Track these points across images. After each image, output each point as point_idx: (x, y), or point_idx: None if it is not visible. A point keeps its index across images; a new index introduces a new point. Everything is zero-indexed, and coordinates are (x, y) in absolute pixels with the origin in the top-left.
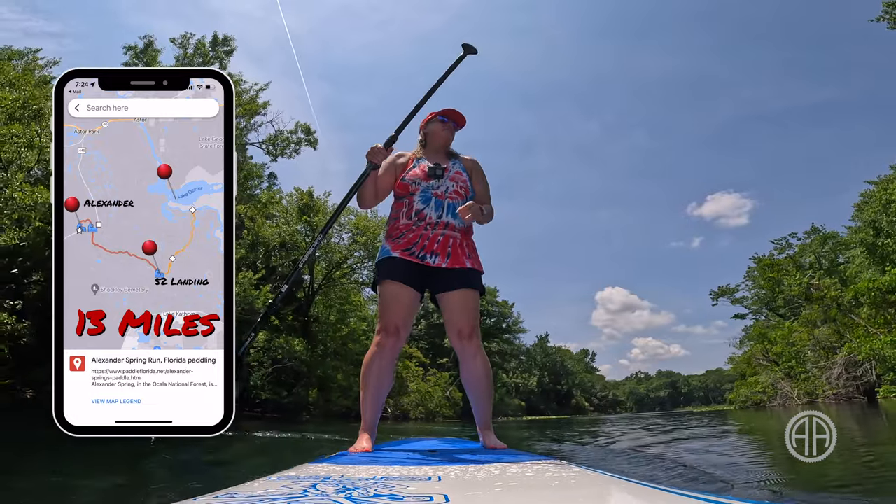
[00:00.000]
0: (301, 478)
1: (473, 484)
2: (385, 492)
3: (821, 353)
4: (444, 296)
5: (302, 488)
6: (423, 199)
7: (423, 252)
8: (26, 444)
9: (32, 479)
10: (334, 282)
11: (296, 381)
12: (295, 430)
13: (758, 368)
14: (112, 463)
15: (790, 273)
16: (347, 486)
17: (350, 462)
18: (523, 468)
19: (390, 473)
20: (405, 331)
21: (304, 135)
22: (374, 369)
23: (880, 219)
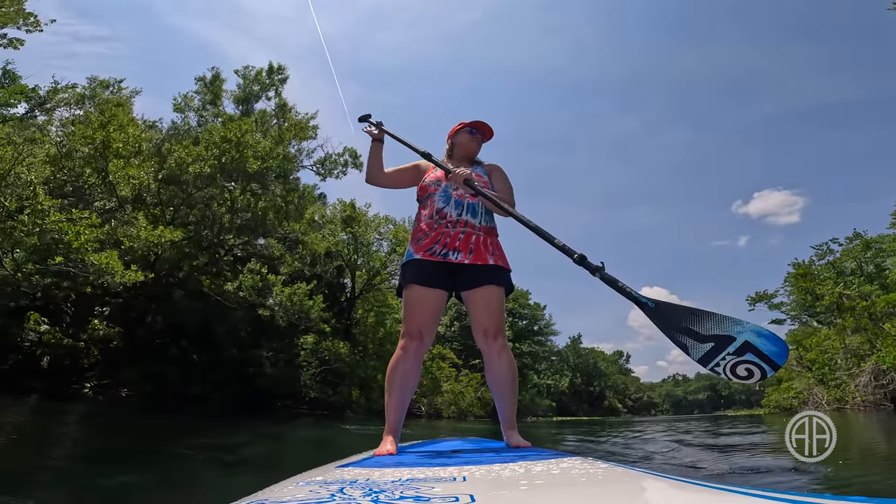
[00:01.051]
0: (328, 482)
1: (499, 483)
2: (411, 494)
3: (851, 360)
4: (468, 294)
5: (329, 493)
6: (443, 198)
7: (444, 249)
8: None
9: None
10: (374, 287)
11: (340, 380)
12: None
13: (792, 374)
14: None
15: (822, 283)
16: (373, 489)
17: (375, 465)
18: (549, 466)
19: (415, 475)
20: (429, 334)
21: (351, 158)
22: (399, 373)
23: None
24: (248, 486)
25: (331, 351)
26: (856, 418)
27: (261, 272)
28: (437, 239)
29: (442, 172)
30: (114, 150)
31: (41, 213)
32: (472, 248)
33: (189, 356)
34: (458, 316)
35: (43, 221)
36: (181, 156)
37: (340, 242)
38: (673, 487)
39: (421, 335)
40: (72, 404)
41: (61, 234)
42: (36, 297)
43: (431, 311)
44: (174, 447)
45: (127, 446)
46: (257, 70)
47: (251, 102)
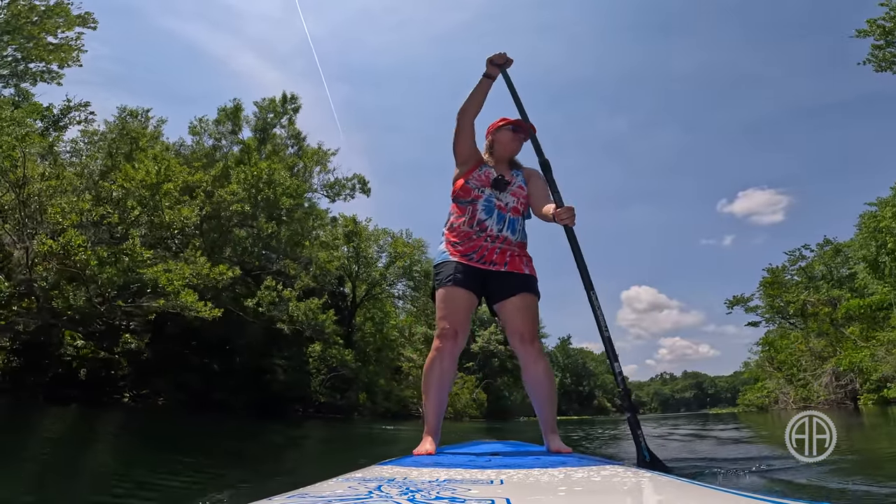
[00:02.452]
0: (367, 479)
1: (536, 488)
2: (447, 494)
3: (815, 362)
4: (504, 302)
5: (367, 490)
6: (486, 209)
7: (482, 259)
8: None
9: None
10: (374, 297)
11: (347, 386)
12: (362, 425)
13: (765, 374)
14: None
15: (789, 290)
16: (410, 488)
17: (414, 464)
18: (589, 473)
19: (453, 476)
20: (463, 334)
21: (360, 184)
22: (436, 373)
23: (869, 244)
24: (292, 482)
25: (337, 358)
26: (831, 415)
27: (277, 289)
28: (475, 249)
29: (488, 176)
30: (166, 194)
31: (141, 263)
32: (508, 261)
33: (210, 365)
34: None
35: (144, 270)
36: (222, 195)
37: (343, 256)
38: (722, 498)
39: (456, 334)
40: (116, 412)
41: (156, 277)
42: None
43: (466, 311)
44: (224, 445)
45: (178, 447)
46: (270, 99)
47: (268, 131)
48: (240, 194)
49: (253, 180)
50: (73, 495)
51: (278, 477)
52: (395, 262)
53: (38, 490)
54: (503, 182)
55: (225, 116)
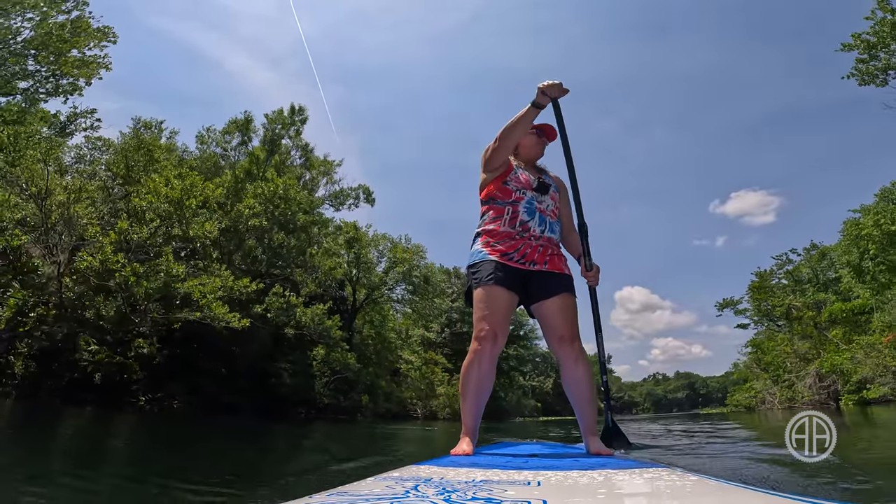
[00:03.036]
0: (404, 479)
1: (574, 490)
2: (483, 495)
3: (800, 364)
4: (543, 303)
5: (404, 489)
6: (528, 210)
7: (522, 258)
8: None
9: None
10: (374, 301)
11: (350, 388)
12: (365, 426)
13: (753, 375)
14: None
15: (774, 294)
16: (447, 488)
17: (451, 465)
18: (632, 476)
19: (489, 477)
20: (503, 335)
21: (364, 195)
22: (474, 377)
23: (852, 252)
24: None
25: (340, 361)
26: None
27: (285, 295)
28: (517, 248)
29: (527, 178)
30: (189, 208)
31: (176, 278)
32: (548, 260)
33: (219, 369)
34: (449, 323)
35: (182, 284)
36: (240, 209)
37: (344, 260)
38: (771, 502)
39: (495, 336)
40: (136, 415)
41: (190, 291)
42: (103, 325)
43: (506, 311)
44: (247, 445)
45: (205, 449)
46: (279, 111)
47: (276, 142)
48: (256, 208)
49: (269, 195)
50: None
51: (308, 476)
52: (395, 267)
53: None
54: (546, 185)
55: (235, 128)
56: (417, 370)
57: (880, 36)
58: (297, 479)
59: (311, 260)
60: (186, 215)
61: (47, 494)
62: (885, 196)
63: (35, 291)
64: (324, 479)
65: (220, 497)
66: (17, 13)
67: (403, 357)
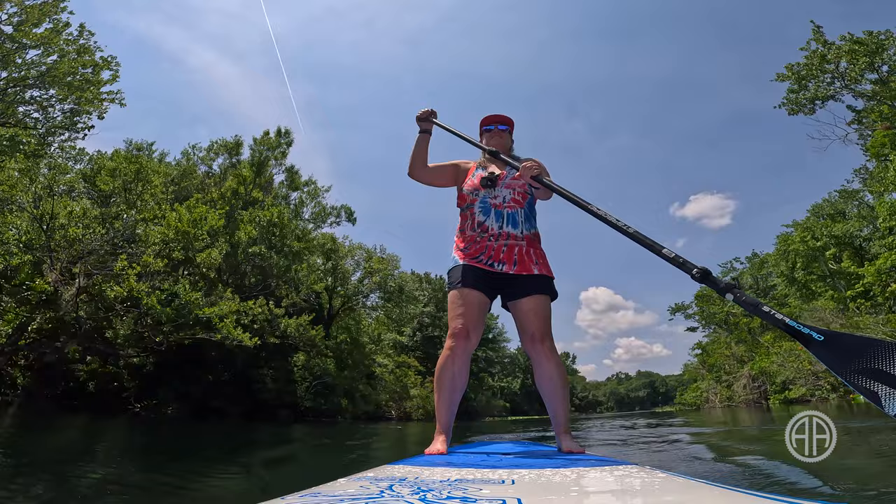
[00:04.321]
0: (378, 479)
1: (548, 488)
2: (458, 494)
3: (736, 366)
4: (516, 303)
5: (379, 489)
6: (482, 210)
7: (490, 260)
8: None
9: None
10: (350, 308)
11: (330, 391)
12: (345, 426)
13: (699, 376)
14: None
15: (714, 303)
16: (422, 487)
17: (425, 464)
18: (602, 473)
19: (464, 476)
20: (476, 334)
21: (346, 214)
22: (448, 373)
23: (782, 264)
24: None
25: (320, 367)
26: (741, 412)
27: (269, 307)
28: (482, 251)
29: (478, 180)
30: (196, 238)
31: (194, 304)
32: (517, 258)
33: (206, 377)
34: (420, 327)
35: (201, 310)
36: (240, 237)
37: (322, 270)
38: (739, 499)
39: (468, 333)
40: (133, 421)
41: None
42: (95, 338)
43: (478, 310)
44: (231, 447)
45: (193, 453)
46: (265, 132)
47: (264, 164)
48: (252, 233)
49: (265, 224)
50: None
51: (289, 475)
52: (372, 276)
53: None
54: (490, 179)
55: (225, 149)
56: (391, 373)
57: (809, 67)
58: (274, 479)
59: (296, 276)
60: (194, 244)
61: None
62: (815, 212)
63: (40, 308)
64: (298, 479)
65: (199, 494)
66: (32, 48)
67: (377, 361)
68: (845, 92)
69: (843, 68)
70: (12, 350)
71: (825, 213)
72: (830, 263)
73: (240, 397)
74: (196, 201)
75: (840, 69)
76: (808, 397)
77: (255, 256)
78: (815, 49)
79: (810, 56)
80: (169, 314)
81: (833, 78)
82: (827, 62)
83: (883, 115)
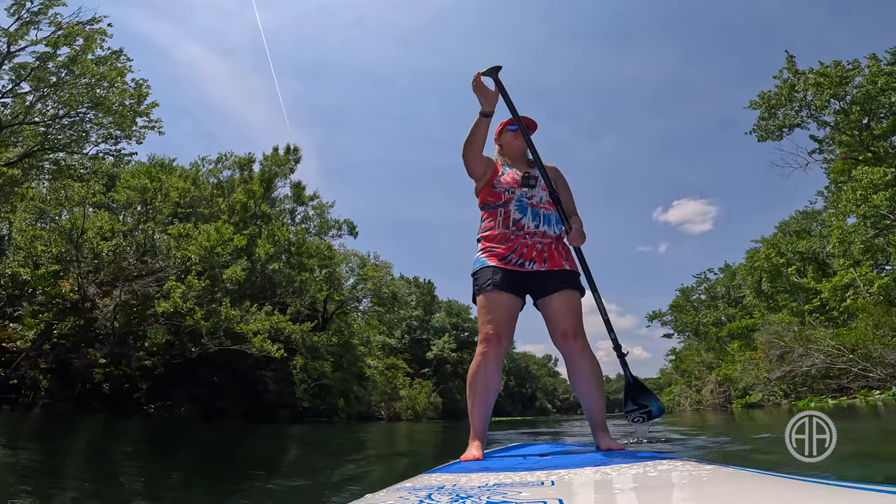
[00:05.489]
0: (416, 488)
1: (589, 487)
2: (498, 499)
3: (705, 371)
4: (546, 300)
5: (418, 499)
6: (519, 208)
7: (521, 259)
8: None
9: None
10: (344, 313)
11: (327, 392)
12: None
13: (673, 380)
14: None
15: (687, 312)
16: (461, 494)
17: (462, 470)
18: (645, 468)
19: (502, 480)
20: (507, 337)
21: (348, 228)
22: (480, 378)
23: (748, 278)
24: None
25: (318, 370)
26: (708, 415)
27: (275, 313)
28: (514, 249)
29: (513, 177)
30: (220, 256)
31: (233, 320)
32: (547, 256)
33: (211, 378)
34: (409, 330)
35: (238, 327)
36: (259, 255)
37: (321, 279)
38: (790, 487)
39: (500, 338)
40: (149, 421)
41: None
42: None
43: (509, 313)
44: (256, 448)
45: (219, 456)
46: (274, 148)
47: (272, 181)
48: (270, 250)
49: (284, 242)
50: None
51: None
52: (366, 283)
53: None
54: (532, 178)
55: (238, 165)
56: (382, 374)
57: (780, 97)
58: (308, 486)
59: (303, 286)
60: (220, 261)
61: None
62: (783, 228)
63: (67, 315)
64: (330, 485)
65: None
66: (84, 77)
67: (367, 363)
68: (811, 121)
69: (809, 98)
70: (37, 354)
71: (792, 230)
72: (794, 277)
73: (242, 398)
74: (223, 223)
75: (807, 99)
76: (764, 402)
77: (275, 273)
78: (786, 78)
79: (781, 85)
80: (208, 328)
81: (801, 106)
82: (796, 91)
83: (842, 143)
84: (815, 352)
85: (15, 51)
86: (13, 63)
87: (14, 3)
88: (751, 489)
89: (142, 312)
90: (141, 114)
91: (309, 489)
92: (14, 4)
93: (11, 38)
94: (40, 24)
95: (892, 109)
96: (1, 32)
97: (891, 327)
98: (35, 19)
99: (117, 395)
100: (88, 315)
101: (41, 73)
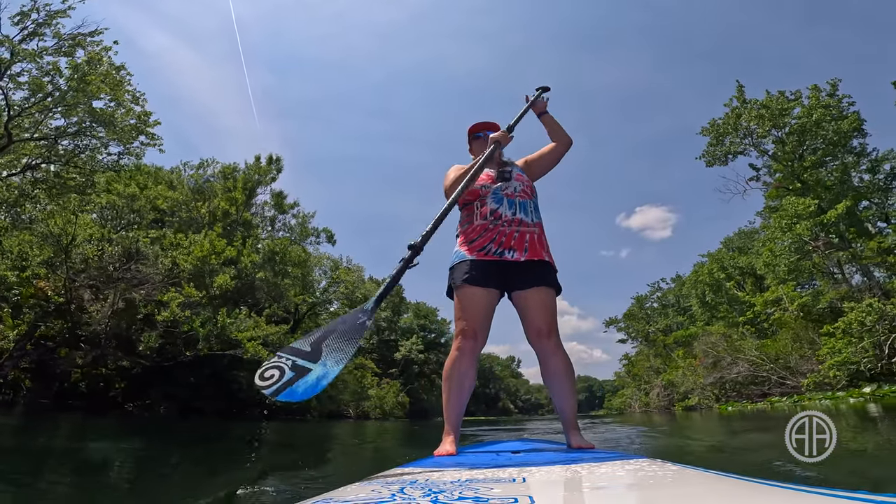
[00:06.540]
0: (389, 482)
1: (559, 485)
2: (470, 494)
3: (653, 376)
4: (521, 295)
5: (390, 492)
6: (495, 199)
7: (500, 248)
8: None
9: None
10: (315, 314)
11: None
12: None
13: (625, 383)
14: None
15: (638, 321)
16: (433, 489)
17: (435, 465)
18: (614, 468)
19: (475, 476)
20: (483, 333)
21: (327, 236)
22: (455, 373)
23: (692, 291)
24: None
25: None
26: (654, 416)
27: (253, 317)
28: (493, 238)
29: (489, 175)
30: (213, 264)
31: (231, 326)
32: (527, 245)
33: (188, 378)
34: (377, 331)
35: (229, 335)
36: (246, 264)
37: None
38: (754, 491)
39: (475, 334)
40: (127, 419)
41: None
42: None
43: (485, 309)
44: (228, 447)
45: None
46: (256, 157)
47: (254, 189)
48: (256, 259)
49: (268, 252)
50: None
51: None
52: (338, 286)
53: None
54: (506, 173)
55: (222, 175)
56: (350, 374)
57: (726, 125)
58: (280, 482)
59: (283, 291)
60: (210, 269)
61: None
62: (727, 244)
63: (49, 317)
64: (299, 481)
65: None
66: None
67: None
68: (752, 149)
69: (753, 128)
70: (20, 354)
71: (735, 246)
72: (733, 290)
73: (218, 397)
74: (216, 237)
75: (751, 128)
76: (700, 406)
77: (262, 281)
78: (735, 107)
79: (729, 114)
80: (203, 333)
81: (745, 135)
82: (741, 121)
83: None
84: (741, 360)
85: (18, 62)
86: (15, 71)
87: (18, 14)
88: (714, 491)
89: (132, 317)
90: (144, 132)
91: (283, 482)
92: (18, 14)
93: (16, 51)
94: (45, 37)
95: (825, 141)
96: (7, 44)
97: (807, 341)
98: (40, 31)
99: (94, 394)
100: (75, 318)
101: (42, 83)
